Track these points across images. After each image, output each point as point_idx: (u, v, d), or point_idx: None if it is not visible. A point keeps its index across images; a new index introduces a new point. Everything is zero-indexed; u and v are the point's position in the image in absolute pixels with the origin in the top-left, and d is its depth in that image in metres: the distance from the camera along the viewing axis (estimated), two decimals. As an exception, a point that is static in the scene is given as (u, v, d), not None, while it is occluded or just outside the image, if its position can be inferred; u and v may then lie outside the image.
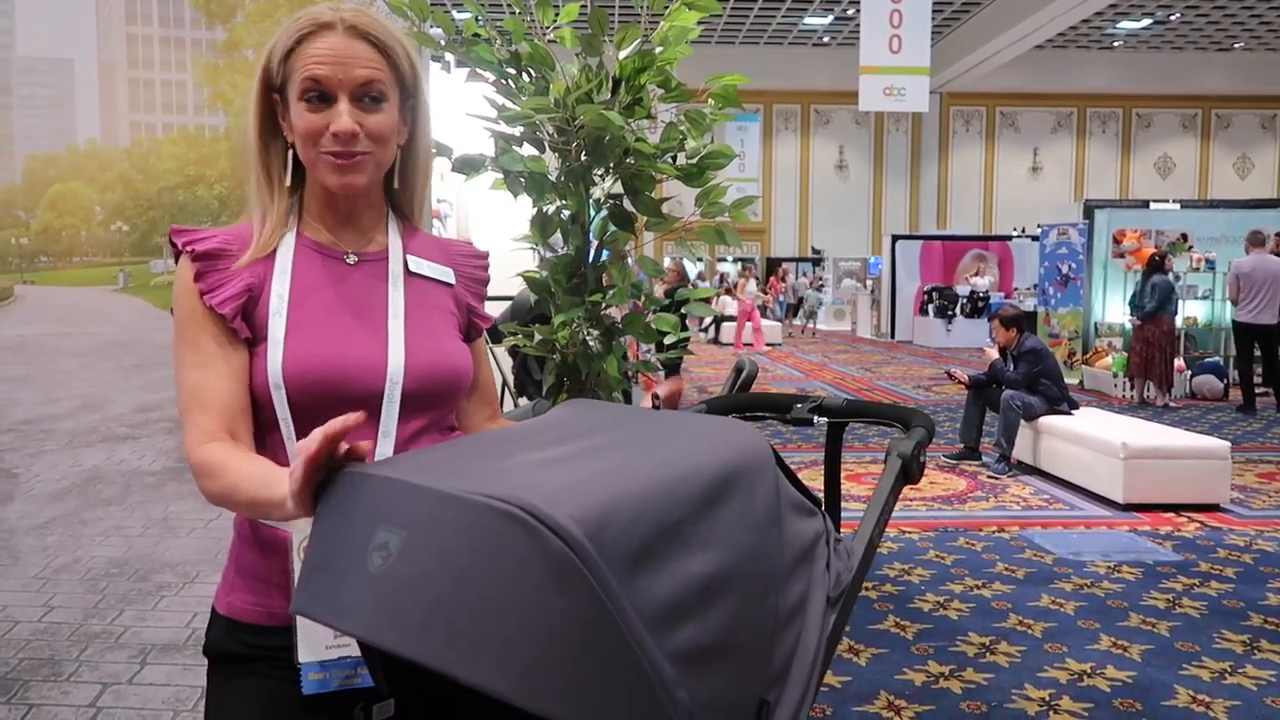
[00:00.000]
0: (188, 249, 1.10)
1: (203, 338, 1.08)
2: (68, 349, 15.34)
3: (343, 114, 1.07)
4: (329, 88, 1.08)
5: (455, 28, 2.27)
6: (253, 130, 1.13)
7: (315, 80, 1.07)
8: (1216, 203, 12.37)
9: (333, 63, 1.07)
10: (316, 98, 1.08)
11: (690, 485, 0.83)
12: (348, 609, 0.81)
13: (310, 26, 1.09)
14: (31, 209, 66.34)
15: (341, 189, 1.11)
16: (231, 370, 1.07)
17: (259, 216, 1.13)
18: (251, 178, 1.14)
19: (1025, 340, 6.19)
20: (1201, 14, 18.73)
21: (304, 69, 1.08)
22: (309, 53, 1.08)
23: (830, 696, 2.89)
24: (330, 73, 1.07)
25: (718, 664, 0.81)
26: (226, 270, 1.09)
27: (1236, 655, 3.26)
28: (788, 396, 1.37)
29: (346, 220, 1.17)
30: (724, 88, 2.24)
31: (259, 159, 1.13)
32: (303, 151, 1.11)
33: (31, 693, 2.91)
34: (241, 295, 1.08)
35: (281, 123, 1.13)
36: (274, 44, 1.12)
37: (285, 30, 1.10)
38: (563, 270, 2.38)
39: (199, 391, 1.07)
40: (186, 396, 1.08)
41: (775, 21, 19.35)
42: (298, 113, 1.09)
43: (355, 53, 1.08)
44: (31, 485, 5.83)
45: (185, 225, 1.14)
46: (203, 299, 1.08)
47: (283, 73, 1.10)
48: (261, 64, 1.12)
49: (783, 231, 22.80)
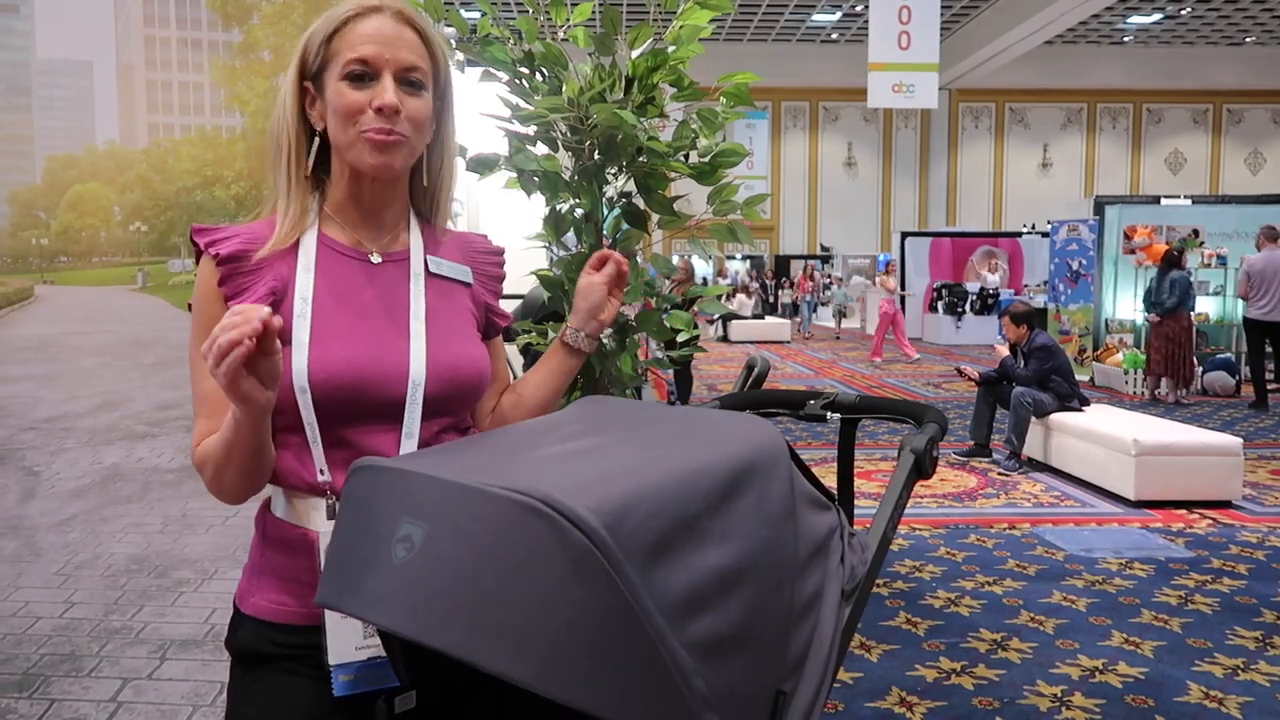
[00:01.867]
0: (211, 250, 1.10)
1: None
2: (88, 348, 15.43)
3: (388, 89, 1.08)
4: (375, 66, 1.08)
5: (469, 27, 2.30)
6: (290, 118, 1.13)
7: (363, 60, 1.08)
8: (1228, 198, 12.29)
9: (381, 42, 1.08)
10: (360, 76, 1.08)
11: (707, 479, 0.85)
12: (371, 599, 0.83)
13: (358, 9, 1.10)
14: (52, 210, 66.72)
15: (378, 169, 1.10)
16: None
17: (282, 206, 1.13)
18: (278, 166, 1.14)
19: (1036, 337, 6.18)
20: (1212, 8, 18.61)
21: (350, 49, 1.08)
22: (356, 33, 1.09)
23: (842, 692, 2.90)
24: (378, 51, 1.08)
25: (734, 655, 0.83)
26: (250, 274, 1.10)
27: (1249, 652, 3.25)
28: (800, 393, 1.38)
29: (370, 217, 1.16)
30: (736, 86, 2.25)
31: (288, 147, 1.13)
32: (340, 133, 1.10)
33: (53, 688, 2.95)
34: (266, 299, 1.08)
35: (310, 111, 1.13)
36: (313, 31, 1.12)
37: (328, 16, 1.11)
38: (576, 268, 2.39)
39: (209, 400, 1.08)
40: (198, 403, 1.10)
41: (783, 18, 19.31)
42: (338, 92, 1.09)
43: (403, 36, 1.10)
44: (53, 483, 5.89)
45: (206, 224, 1.14)
46: (227, 304, 1.08)
47: (322, 56, 1.10)
48: (298, 53, 1.12)
49: (792, 229, 22.77)
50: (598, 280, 1.28)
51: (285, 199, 1.13)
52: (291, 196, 1.13)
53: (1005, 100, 22.55)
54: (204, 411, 1.09)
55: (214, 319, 1.08)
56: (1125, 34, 20.63)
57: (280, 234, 1.11)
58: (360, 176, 1.13)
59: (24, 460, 6.59)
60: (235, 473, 1.04)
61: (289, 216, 1.12)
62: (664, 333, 2.41)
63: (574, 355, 1.28)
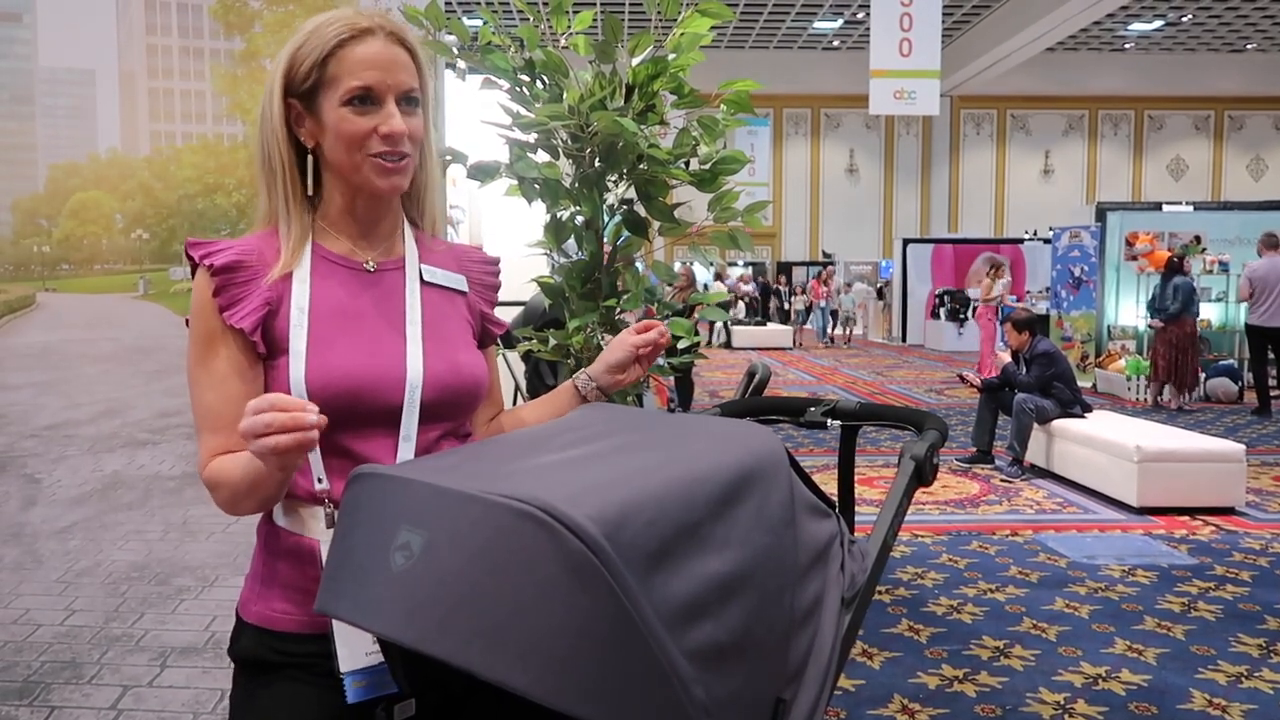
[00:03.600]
0: (205, 262, 1.09)
1: (218, 358, 1.08)
2: (90, 355, 15.43)
3: (394, 115, 1.08)
4: (379, 93, 1.08)
5: (470, 35, 2.30)
6: (280, 139, 1.11)
7: (367, 87, 1.08)
8: (1230, 205, 12.29)
9: (381, 69, 1.08)
10: (363, 101, 1.08)
11: (707, 486, 0.85)
12: (370, 607, 0.83)
13: (350, 31, 1.08)
14: (54, 217, 67.11)
15: (389, 191, 1.12)
16: (245, 390, 1.07)
17: (284, 229, 1.12)
18: (273, 186, 1.13)
19: (1038, 343, 6.17)
20: (1214, 15, 18.62)
21: (351, 75, 1.07)
22: (355, 58, 1.08)
23: (844, 700, 2.89)
24: (380, 79, 1.08)
25: (734, 662, 0.82)
26: (245, 284, 1.09)
27: (1252, 659, 3.24)
28: (801, 400, 1.38)
29: (366, 228, 1.16)
30: (737, 94, 2.26)
31: (281, 169, 1.12)
32: (342, 156, 1.10)
33: (53, 695, 2.95)
34: (261, 309, 1.08)
35: (298, 130, 1.12)
36: (299, 49, 1.10)
37: (318, 35, 1.09)
38: (577, 275, 2.40)
39: (212, 414, 1.08)
40: (200, 417, 1.10)
41: (785, 26, 19.35)
42: (341, 117, 1.08)
43: (398, 59, 1.10)
44: (54, 490, 5.89)
45: (200, 238, 1.13)
46: (222, 315, 1.08)
47: (315, 78, 1.09)
48: (281, 71, 1.10)
49: (793, 235, 22.77)
50: (633, 341, 1.27)
51: (286, 221, 1.12)
52: (292, 217, 1.12)
53: (1007, 107, 22.57)
54: (208, 426, 1.09)
55: (211, 332, 1.09)
56: (1126, 41, 20.65)
57: (285, 258, 1.11)
58: (358, 193, 1.13)
59: (25, 467, 6.59)
60: (254, 503, 1.06)
61: (292, 238, 1.12)
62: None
63: (581, 401, 1.29)
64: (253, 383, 1.09)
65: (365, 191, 1.12)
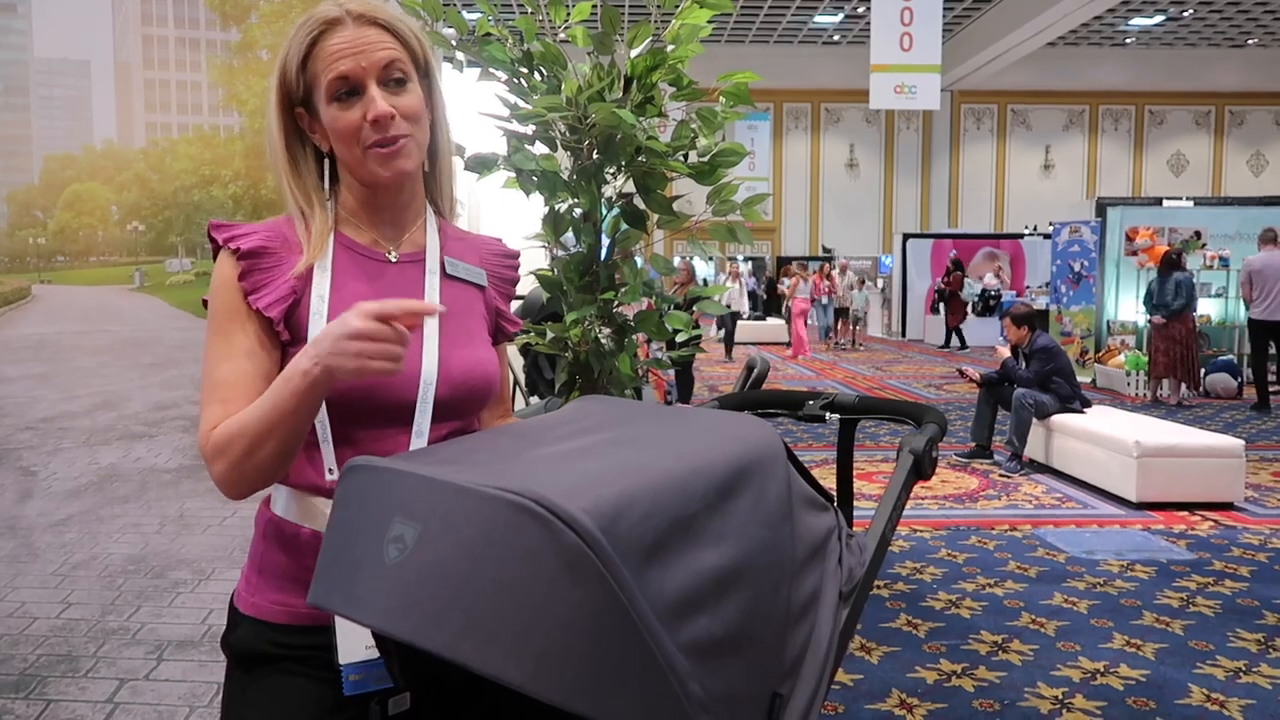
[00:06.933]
0: (230, 245, 1.09)
1: (237, 334, 1.07)
2: (85, 347, 15.45)
3: (376, 98, 1.06)
4: (357, 79, 1.07)
5: (468, 27, 2.29)
6: (279, 148, 1.12)
7: (343, 78, 1.06)
8: (1230, 200, 12.29)
9: (353, 54, 1.07)
10: (346, 94, 1.07)
11: (703, 479, 0.84)
12: (363, 600, 0.82)
13: (320, 26, 1.08)
14: (49, 209, 66.93)
15: (394, 178, 1.10)
16: (259, 370, 1.06)
17: (301, 225, 1.12)
18: (287, 190, 1.13)
19: (1037, 338, 6.17)
20: (1214, 10, 18.59)
21: (328, 70, 1.07)
22: (326, 52, 1.07)
23: (842, 695, 2.89)
24: (353, 64, 1.06)
25: (730, 656, 0.82)
26: (270, 270, 1.09)
27: (1251, 654, 3.24)
28: (800, 394, 1.37)
29: (386, 216, 1.16)
30: (736, 86, 2.24)
31: (291, 175, 1.12)
32: (345, 153, 1.10)
33: (49, 688, 2.94)
34: (288, 298, 1.08)
35: (310, 135, 1.12)
36: (286, 57, 1.10)
37: (295, 40, 1.09)
38: (575, 268, 2.39)
39: (224, 386, 1.06)
40: (210, 388, 1.07)
41: (785, 20, 19.31)
42: (331, 115, 1.08)
43: (370, 38, 1.08)
44: (50, 483, 5.88)
45: (222, 220, 1.13)
46: (247, 299, 1.07)
47: (304, 82, 1.09)
48: (276, 81, 1.10)
49: (793, 230, 22.75)
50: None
51: (308, 220, 1.12)
52: (315, 217, 1.12)
53: (1007, 101, 22.54)
54: (217, 398, 1.05)
55: (235, 309, 1.08)
56: (1127, 36, 20.61)
57: (309, 253, 1.10)
58: (374, 185, 1.13)
59: (21, 460, 6.59)
60: (275, 446, 0.99)
61: (314, 233, 1.11)
62: (663, 333, 2.40)
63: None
64: (269, 364, 1.07)
65: (376, 184, 1.11)
